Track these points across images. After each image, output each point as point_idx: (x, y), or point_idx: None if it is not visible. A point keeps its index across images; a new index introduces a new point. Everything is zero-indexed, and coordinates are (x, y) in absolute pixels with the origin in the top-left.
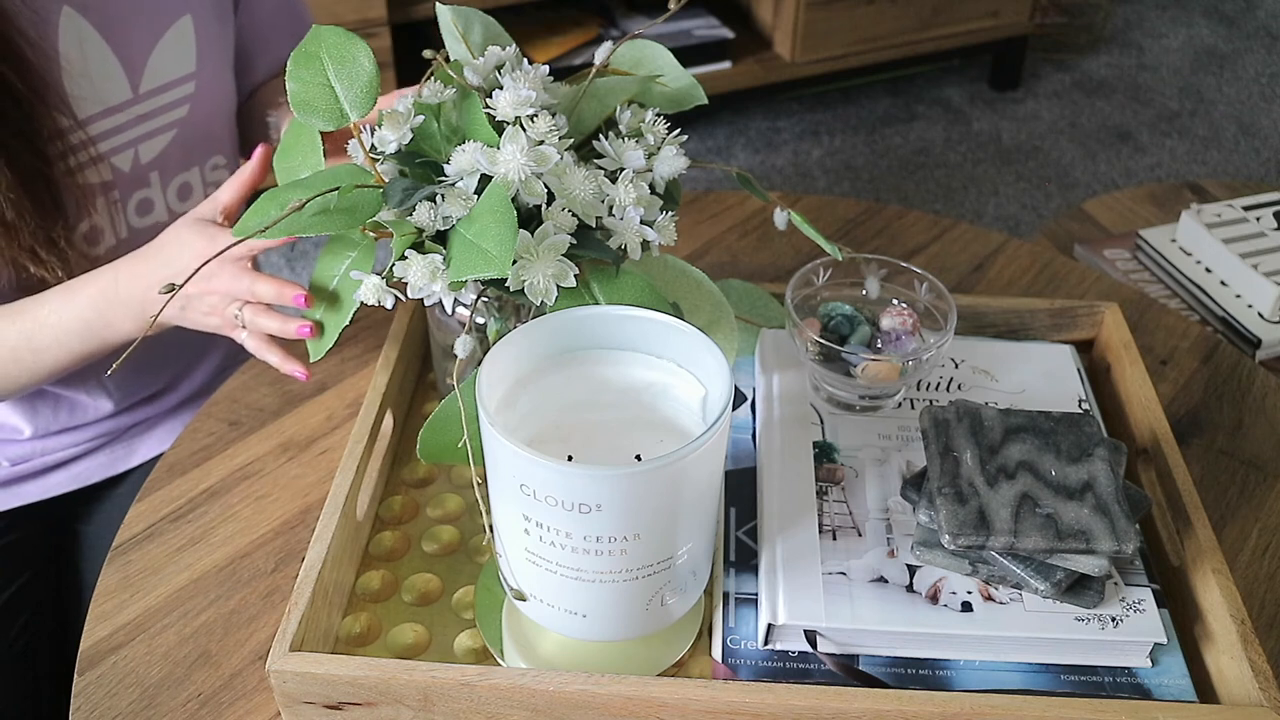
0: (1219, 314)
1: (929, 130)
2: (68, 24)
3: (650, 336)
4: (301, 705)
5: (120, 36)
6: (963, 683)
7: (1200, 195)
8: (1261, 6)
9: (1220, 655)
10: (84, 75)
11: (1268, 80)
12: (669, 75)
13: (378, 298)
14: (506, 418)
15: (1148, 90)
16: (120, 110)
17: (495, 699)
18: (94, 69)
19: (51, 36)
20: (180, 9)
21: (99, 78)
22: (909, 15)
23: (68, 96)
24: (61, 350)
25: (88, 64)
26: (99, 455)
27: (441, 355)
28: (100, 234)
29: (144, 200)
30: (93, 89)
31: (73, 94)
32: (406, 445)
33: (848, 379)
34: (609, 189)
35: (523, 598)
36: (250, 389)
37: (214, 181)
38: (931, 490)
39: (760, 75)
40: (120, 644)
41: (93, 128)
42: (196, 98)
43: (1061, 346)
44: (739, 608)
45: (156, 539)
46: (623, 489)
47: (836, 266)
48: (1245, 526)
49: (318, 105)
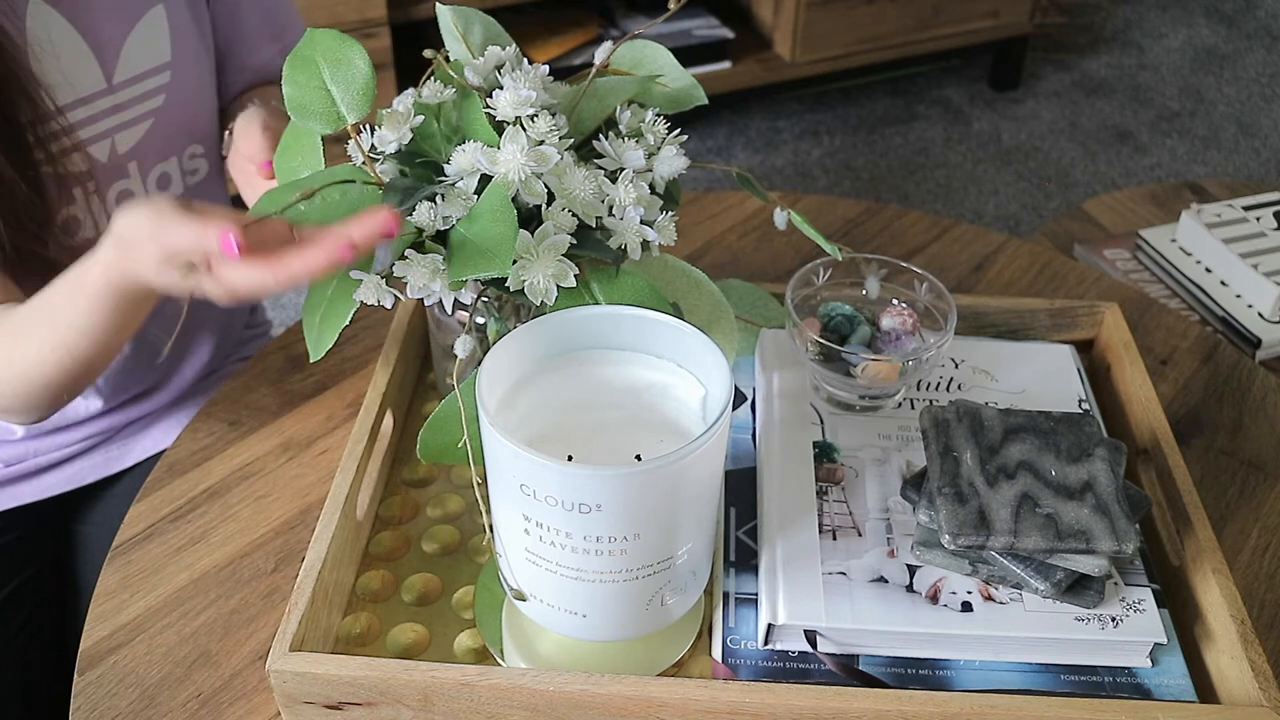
0: (1219, 314)
1: (929, 130)
2: (35, 12)
3: (650, 336)
4: (301, 705)
5: (90, 26)
6: (963, 683)
7: (1200, 195)
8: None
9: (1220, 655)
10: (55, 64)
11: (1268, 80)
12: (669, 75)
13: (378, 298)
14: (506, 418)
15: (1148, 90)
16: (95, 100)
17: (495, 699)
18: (65, 58)
19: (19, 24)
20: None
21: (71, 67)
22: (909, 15)
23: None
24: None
25: (58, 53)
26: (93, 455)
27: (441, 355)
28: (78, 224)
29: (123, 191)
30: (65, 78)
31: (45, 83)
32: (406, 445)
33: (848, 379)
34: (609, 189)
35: (523, 598)
36: (250, 389)
37: (192, 170)
38: (931, 490)
39: (760, 75)
40: (120, 644)
41: (68, 116)
42: (172, 87)
43: (1061, 346)
44: (739, 608)
45: (156, 539)
46: (623, 489)
47: (836, 266)
48: (1245, 526)
49: (314, 108)
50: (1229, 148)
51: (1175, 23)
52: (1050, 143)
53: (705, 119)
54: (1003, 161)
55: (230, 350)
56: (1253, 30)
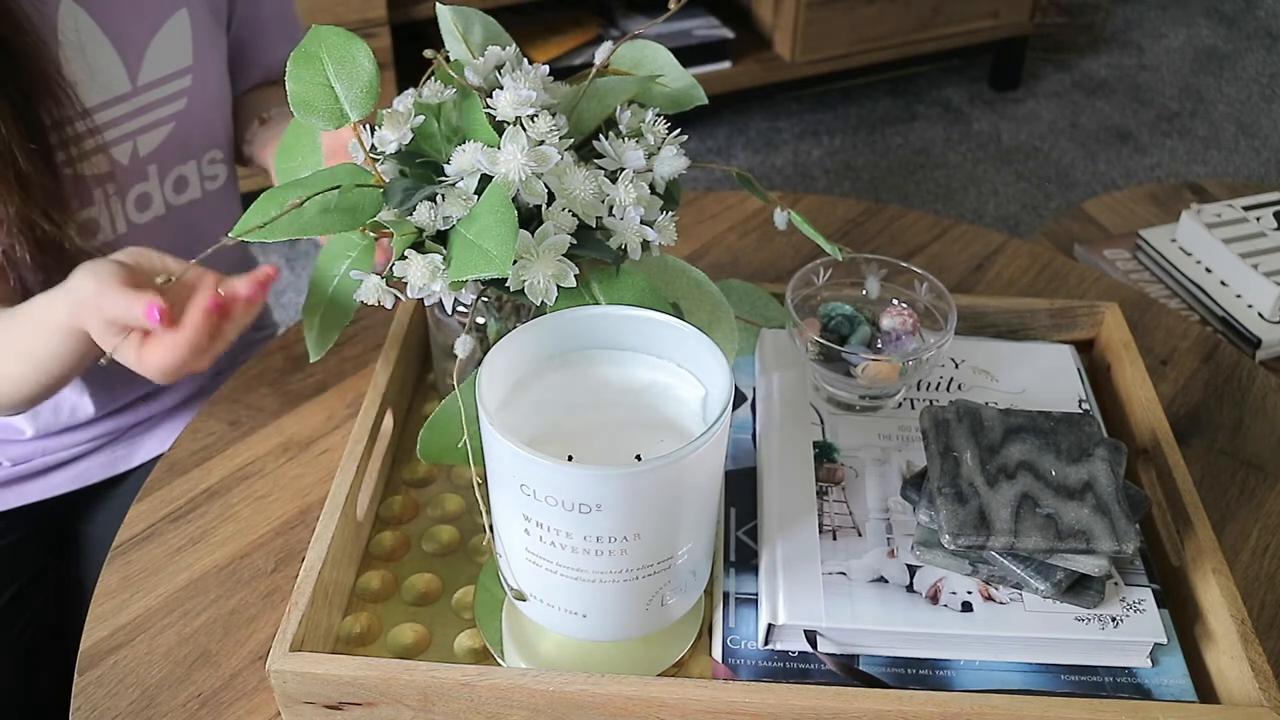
0: (1219, 314)
1: (929, 130)
2: (66, 13)
3: (650, 336)
4: (301, 705)
5: (117, 28)
6: (963, 683)
7: (1200, 195)
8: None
9: (1220, 655)
10: (83, 65)
11: (1268, 80)
12: (669, 75)
13: (378, 298)
14: (506, 418)
15: (1148, 90)
16: (120, 102)
17: (495, 699)
18: (92, 59)
19: (52, 24)
20: (177, 2)
21: (97, 68)
22: (909, 15)
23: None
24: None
25: (86, 54)
26: (100, 455)
27: (441, 355)
28: (97, 227)
29: (142, 195)
30: (92, 79)
31: (72, 83)
32: (406, 445)
33: (848, 379)
34: (609, 189)
35: (523, 598)
36: (250, 389)
37: (210, 175)
38: (931, 490)
39: (760, 75)
40: (120, 644)
41: (94, 118)
42: (194, 91)
43: (1061, 346)
44: (739, 608)
45: (156, 539)
46: (623, 489)
47: (836, 266)
48: (1245, 526)
49: (318, 105)
50: (1229, 148)
51: (1175, 23)
52: (1050, 143)
53: (705, 119)
54: (1003, 161)
55: (238, 352)
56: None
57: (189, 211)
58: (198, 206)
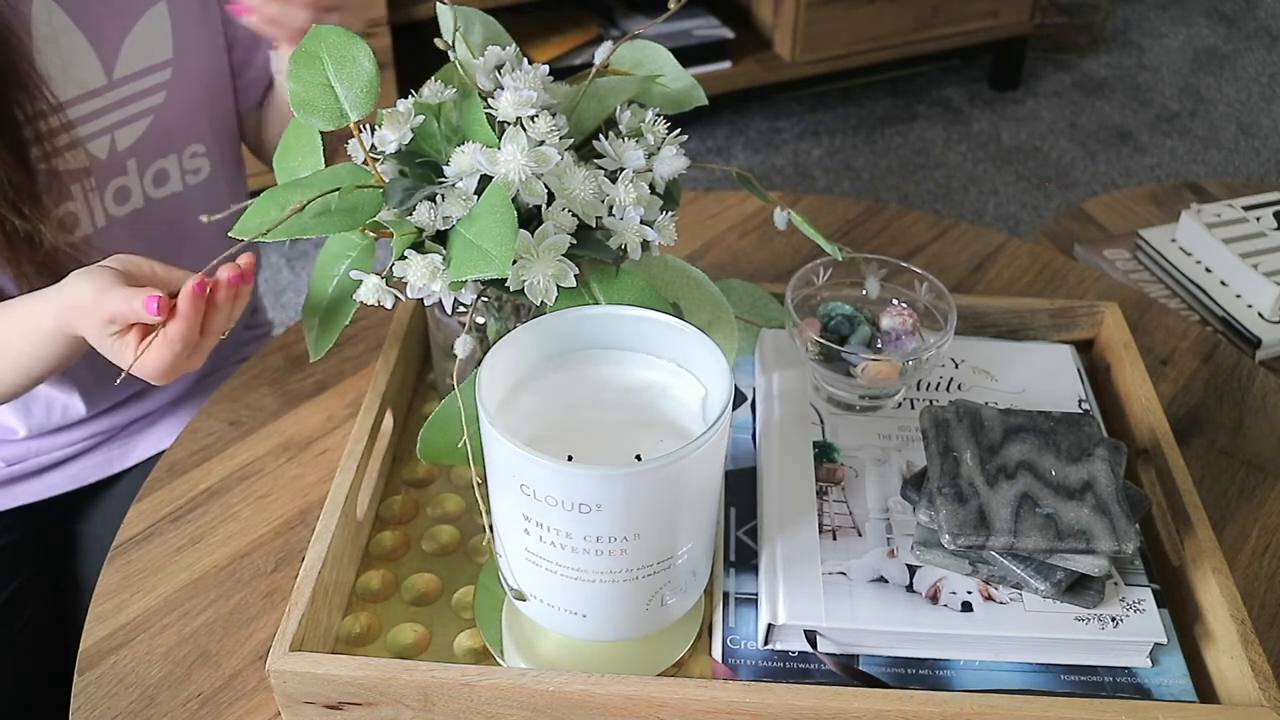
0: (1219, 314)
1: (929, 130)
2: (40, 6)
3: (650, 336)
4: (301, 705)
5: (92, 21)
6: (963, 683)
7: (1200, 195)
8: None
9: (1220, 655)
10: (57, 59)
11: (1268, 80)
12: (669, 75)
13: (378, 298)
14: (506, 418)
15: (1148, 90)
16: (95, 96)
17: (495, 699)
18: (66, 53)
19: (25, 18)
20: None
21: (72, 62)
22: (909, 15)
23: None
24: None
25: (60, 48)
26: (95, 455)
27: (441, 355)
28: (76, 221)
29: (121, 188)
30: (66, 73)
31: (46, 77)
32: (406, 445)
33: (848, 379)
34: (609, 189)
35: (523, 598)
36: (250, 389)
37: (192, 169)
38: (931, 490)
39: (760, 75)
40: (120, 644)
41: (68, 112)
42: (173, 85)
43: (1061, 346)
44: (739, 608)
45: (156, 539)
46: (623, 489)
47: (836, 266)
48: (1245, 526)
49: (318, 105)
50: (1229, 148)
51: (1175, 23)
52: (1050, 143)
53: (705, 119)
54: (1003, 161)
55: (230, 351)
56: (1253, 30)
57: (169, 204)
58: (179, 200)
